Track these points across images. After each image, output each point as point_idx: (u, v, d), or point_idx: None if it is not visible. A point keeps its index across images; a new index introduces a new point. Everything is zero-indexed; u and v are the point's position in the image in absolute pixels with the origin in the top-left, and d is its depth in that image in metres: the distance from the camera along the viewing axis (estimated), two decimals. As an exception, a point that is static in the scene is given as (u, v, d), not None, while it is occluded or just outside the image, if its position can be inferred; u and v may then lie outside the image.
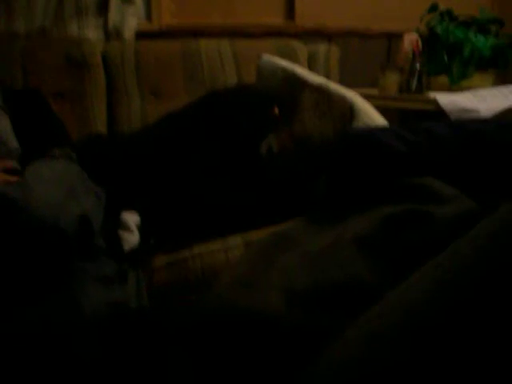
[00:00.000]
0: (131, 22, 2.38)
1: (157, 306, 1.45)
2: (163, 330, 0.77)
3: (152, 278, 1.50)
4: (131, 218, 1.55)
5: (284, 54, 2.17)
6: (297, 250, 0.88)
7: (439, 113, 2.12)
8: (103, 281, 1.33)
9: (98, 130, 2.15)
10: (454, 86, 2.32)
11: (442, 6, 2.42)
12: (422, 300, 0.60)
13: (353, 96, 1.82)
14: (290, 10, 2.60)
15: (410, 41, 2.34)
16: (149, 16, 2.47)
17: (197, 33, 2.45)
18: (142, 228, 1.56)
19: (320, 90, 1.74)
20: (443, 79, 2.36)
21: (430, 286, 0.61)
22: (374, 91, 2.38)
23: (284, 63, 1.96)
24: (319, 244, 0.86)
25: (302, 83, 1.82)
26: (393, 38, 2.57)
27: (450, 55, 2.34)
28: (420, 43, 2.33)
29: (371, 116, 1.79)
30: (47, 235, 1.20)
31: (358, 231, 0.82)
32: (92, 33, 2.34)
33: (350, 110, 1.75)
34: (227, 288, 0.84)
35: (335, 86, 1.83)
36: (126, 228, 1.53)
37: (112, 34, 2.36)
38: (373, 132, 1.65)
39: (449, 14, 2.41)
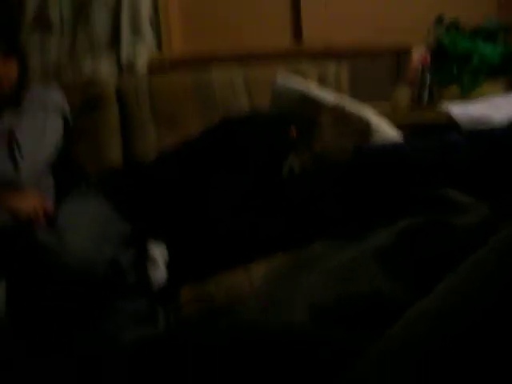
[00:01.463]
0: (143, 54, 2.41)
1: (185, 332, 1.44)
2: (191, 353, 0.77)
3: (180, 312, 1.49)
4: (158, 253, 1.55)
5: (295, 76, 2.18)
6: (319, 269, 0.88)
7: (451, 126, 2.11)
8: (136, 319, 1.34)
9: (113, 165, 2.17)
10: (465, 96, 2.32)
11: (448, 18, 2.43)
12: (445, 313, 0.59)
13: (368, 113, 1.83)
14: (297, 32, 2.63)
15: (419, 55, 2.35)
16: (159, 46, 2.51)
17: (207, 60, 2.47)
18: (168, 262, 1.56)
19: (337, 109, 1.75)
20: (454, 89, 2.37)
21: (453, 298, 0.61)
22: (386, 106, 2.38)
23: (299, 85, 1.98)
24: (340, 260, 0.86)
25: (318, 103, 1.83)
26: (401, 53, 2.57)
27: (459, 66, 2.35)
28: (428, 56, 2.34)
29: (387, 132, 1.80)
30: (80, 280, 1.23)
31: (378, 245, 0.82)
32: (106, 68, 2.38)
33: (367, 127, 1.76)
34: (252, 308, 0.84)
35: (351, 104, 1.84)
36: (154, 264, 1.53)
37: (125, 69, 2.39)
38: (387, 146, 1.66)
39: (455, 25, 2.42)
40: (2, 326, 1.32)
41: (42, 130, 1.93)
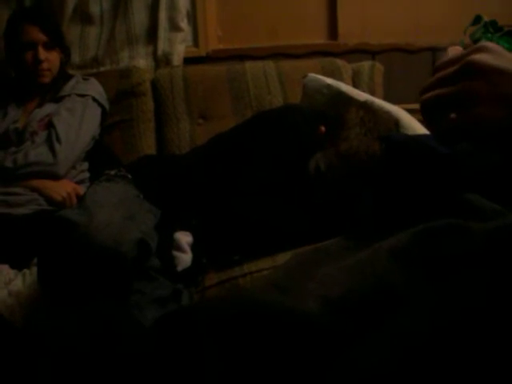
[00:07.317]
0: (180, 48, 2.45)
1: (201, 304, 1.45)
2: (197, 326, 0.78)
3: (204, 296, 1.52)
4: (184, 239, 1.58)
5: (328, 73, 2.19)
6: (335, 264, 0.88)
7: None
8: (159, 302, 1.35)
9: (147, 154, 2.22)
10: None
11: (486, 18, 2.40)
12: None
13: (398, 111, 1.82)
14: (333, 30, 2.63)
15: (455, 53, 2.32)
16: (196, 42, 2.56)
17: (242, 56, 2.50)
18: (194, 247, 1.59)
19: (365, 107, 1.74)
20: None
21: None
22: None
23: (329, 81, 1.98)
24: (356, 257, 0.87)
25: (347, 100, 1.83)
26: (436, 52, 2.55)
27: (496, 66, 2.31)
28: (465, 56, 2.31)
29: (417, 131, 1.79)
30: (108, 260, 1.23)
31: (394, 242, 0.82)
32: (142, 61, 2.44)
33: (395, 126, 1.75)
34: (261, 290, 0.85)
35: (380, 102, 1.84)
36: (180, 248, 1.56)
37: (161, 61, 2.45)
38: (416, 137, 1.63)
39: (493, 25, 2.39)
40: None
41: (80, 119, 2.01)
